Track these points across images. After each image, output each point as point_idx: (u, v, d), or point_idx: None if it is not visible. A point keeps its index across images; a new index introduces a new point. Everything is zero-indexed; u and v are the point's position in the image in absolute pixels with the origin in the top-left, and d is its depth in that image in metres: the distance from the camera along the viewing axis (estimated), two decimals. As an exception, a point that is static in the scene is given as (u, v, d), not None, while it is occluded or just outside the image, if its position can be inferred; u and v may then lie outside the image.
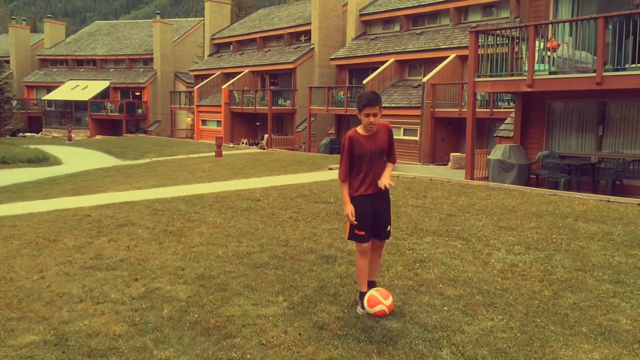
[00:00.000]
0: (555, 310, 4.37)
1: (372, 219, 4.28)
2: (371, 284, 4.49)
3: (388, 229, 4.39)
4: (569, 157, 12.25)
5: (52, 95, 44.35)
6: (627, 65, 10.07)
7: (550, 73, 11.11)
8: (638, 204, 8.77)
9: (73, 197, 10.39)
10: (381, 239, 4.42)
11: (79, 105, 43.32)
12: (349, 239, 4.38)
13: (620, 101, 11.69)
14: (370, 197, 4.26)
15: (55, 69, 48.07)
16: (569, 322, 4.13)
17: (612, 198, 9.33)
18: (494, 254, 5.92)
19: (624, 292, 4.78)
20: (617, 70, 10.15)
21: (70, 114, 44.27)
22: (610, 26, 10.17)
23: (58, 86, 45.10)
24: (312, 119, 27.92)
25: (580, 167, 11.70)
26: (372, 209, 4.28)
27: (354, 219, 4.20)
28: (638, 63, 9.86)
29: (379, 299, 4.20)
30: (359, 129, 4.23)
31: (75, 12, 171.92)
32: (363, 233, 4.24)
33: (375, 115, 4.09)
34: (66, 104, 44.25)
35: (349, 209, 4.22)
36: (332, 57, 28.83)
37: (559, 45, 11.20)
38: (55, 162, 22.13)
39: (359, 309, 4.32)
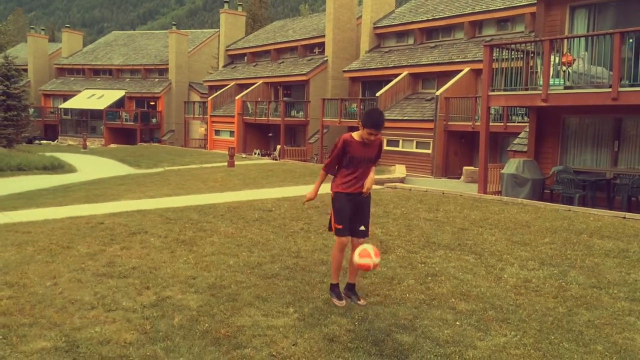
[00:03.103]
0: (569, 327, 4.31)
1: (350, 216, 4.67)
2: (350, 287, 4.83)
3: (362, 228, 4.75)
4: (583, 172, 12.13)
5: (69, 104, 44.92)
6: (643, 81, 9.98)
7: (566, 88, 11.05)
8: (654, 221, 8.65)
9: (87, 205, 10.47)
10: (359, 237, 4.74)
11: (95, 114, 43.81)
12: (329, 230, 4.76)
13: (636, 117, 11.58)
14: (352, 196, 4.66)
15: (72, 78, 48.71)
16: (583, 340, 4.07)
17: (627, 214, 9.21)
18: (507, 269, 5.86)
19: (640, 310, 4.70)
20: (634, 85, 10.07)
21: (85, 123, 44.78)
22: (630, 40, 10.10)
23: (74, 95, 45.69)
24: (325, 130, 27.98)
25: (595, 183, 11.58)
26: (353, 206, 4.67)
27: (306, 200, 4.86)
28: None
29: (370, 254, 4.31)
30: (355, 135, 4.62)
31: (93, 23, 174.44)
32: (340, 227, 4.63)
33: (376, 135, 4.55)
34: (82, 112, 44.78)
35: (313, 195, 4.80)
36: (346, 69, 28.93)
37: (574, 60, 11.14)
38: (70, 169, 22.33)
39: (335, 301, 4.68)
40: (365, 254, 4.31)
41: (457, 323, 4.34)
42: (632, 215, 9.13)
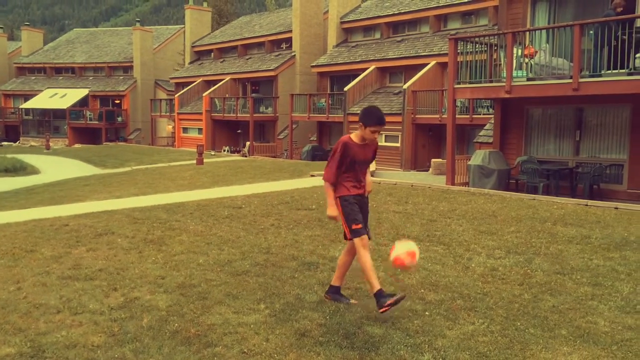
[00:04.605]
0: (535, 313, 4.41)
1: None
2: (336, 289, 4.68)
3: (368, 228, 4.58)
4: (547, 162, 12.42)
5: (30, 104, 43.72)
6: (602, 72, 10.26)
7: (528, 79, 11.27)
8: (615, 208, 8.92)
9: (51, 207, 10.24)
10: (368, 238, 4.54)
11: (58, 114, 42.74)
12: (350, 238, 4.42)
13: (596, 107, 11.90)
14: (357, 198, 4.51)
15: (33, 77, 47.42)
16: (548, 325, 4.17)
17: (589, 202, 9.48)
18: (475, 259, 5.96)
19: (602, 294, 4.85)
20: (593, 76, 10.34)
21: (48, 123, 43.66)
22: (591, 31, 10.35)
23: (36, 94, 44.47)
24: (294, 126, 27.93)
25: (558, 172, 11.87)
26: (358, 207, 4.50)
27: (337, 219, 4.40)
28: (613, 69, 10.05)
29: (415, 255, 4.25)
30: (354, 138, 4.47)
31: (53, 20, 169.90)
32: (359, 226, 4.38)
33: (379, 132, 4.45)
34: (44, 112, 43.64)
35: (335, 211, 4.42)
36: (314, 64, 28.91)
37: (536, 52, 11.38)
38: (33, 171, 21.80)
39: (391, 300, 4.12)
40: (413, 255, 4.22)
41: (427, 313, 4.40)
42: (594, 203, 9.40)
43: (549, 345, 3.81)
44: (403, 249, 4.22)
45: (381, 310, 4.14)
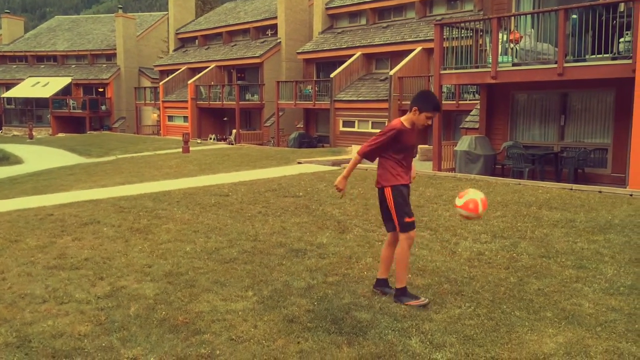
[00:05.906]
0: (520, 296, 4.46)
1: None
2: (384, 282, 4.52)
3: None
4: (532, 147, 12.49)
5: (12, 93, 43.01)
6: (587, 56, 10.31)
7: (514, 65, 11.30)
8: (599, 192, 9.02)
9: (35, 197, 10.11)
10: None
11: (40, 103, 42.12)
12: (401, 231, 4.30)
13: (581, 91, 11.97)
14: (406, 187, 4.41)
15: (15, 66, 46.59)
16: (534, 308, 4.22)
17: (574, 186, 9.57)
18: (461, 243, 6.00)
19: (587, 277, 4.91)
20: (578, 61, 10.39)
21: (31, 112, 43.03)
22: (573, 16, 10.39)
23: (17, 83, 43.74)
24: (280, 113, 27.81)
25: (543, 157, 11.95)
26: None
27: (341, 192, 4.38)
28: (598, 54, 10.11)
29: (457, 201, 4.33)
30: (405, 122, 4.33)
31: (34, 7, 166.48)
32: (412, 219, 4.32)
33: (433, 118, 4.35)
34: (26, 101, 42.99)
35: (342, 184, 4.32)
36: (299, 51, 28.74)
37: (521, 37, 11.39)
38: (16, 161, 21.52)
39: (415, 303, 4.21)
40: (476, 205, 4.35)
41: (414, 298, 4.42)
42: (578, 187, 9.49)
43: (534, 328, 3.86)
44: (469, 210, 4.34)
45: (397, 300, 4.30)
